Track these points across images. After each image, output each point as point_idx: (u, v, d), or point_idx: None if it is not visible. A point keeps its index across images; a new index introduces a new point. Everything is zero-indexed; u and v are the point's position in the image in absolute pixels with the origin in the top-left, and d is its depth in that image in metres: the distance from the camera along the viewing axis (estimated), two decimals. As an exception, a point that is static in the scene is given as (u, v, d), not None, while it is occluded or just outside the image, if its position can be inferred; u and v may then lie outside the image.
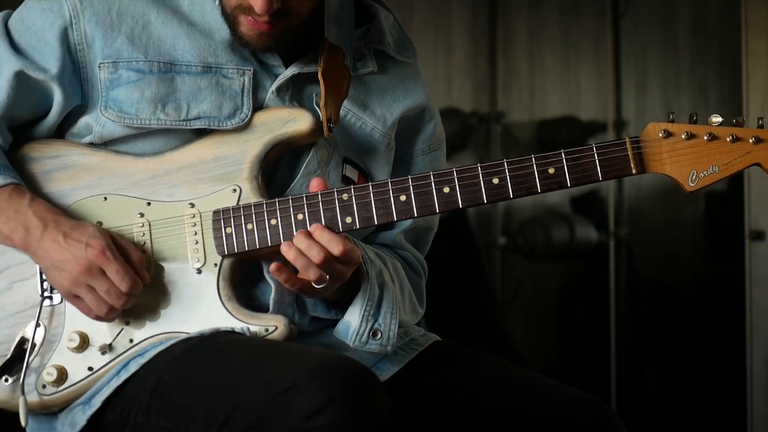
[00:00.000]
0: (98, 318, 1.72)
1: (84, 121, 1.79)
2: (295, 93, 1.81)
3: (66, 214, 1.75)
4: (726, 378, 4.05)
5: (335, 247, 1.67)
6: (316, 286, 1.69)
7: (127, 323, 1.75)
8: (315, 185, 1.72)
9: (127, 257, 1.71)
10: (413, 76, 1.94)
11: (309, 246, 1.67)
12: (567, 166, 1.68)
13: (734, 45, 3.87)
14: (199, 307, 1.73)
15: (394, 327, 1.76)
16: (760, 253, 3.67)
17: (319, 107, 1.78)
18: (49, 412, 1.76)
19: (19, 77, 1.77)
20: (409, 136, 1.94)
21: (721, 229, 4.43)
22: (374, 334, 1.75)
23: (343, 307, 1.79)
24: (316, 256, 1.66)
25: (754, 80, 3.64)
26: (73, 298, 1.71)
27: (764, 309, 3.66)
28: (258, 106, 1.78)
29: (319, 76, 1.78)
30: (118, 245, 1.72)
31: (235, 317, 1.72)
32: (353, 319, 1.75)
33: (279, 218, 1.72)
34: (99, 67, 1.77)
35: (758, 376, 3.66)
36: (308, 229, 1.69)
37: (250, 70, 1.79)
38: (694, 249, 4.64)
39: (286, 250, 1.68)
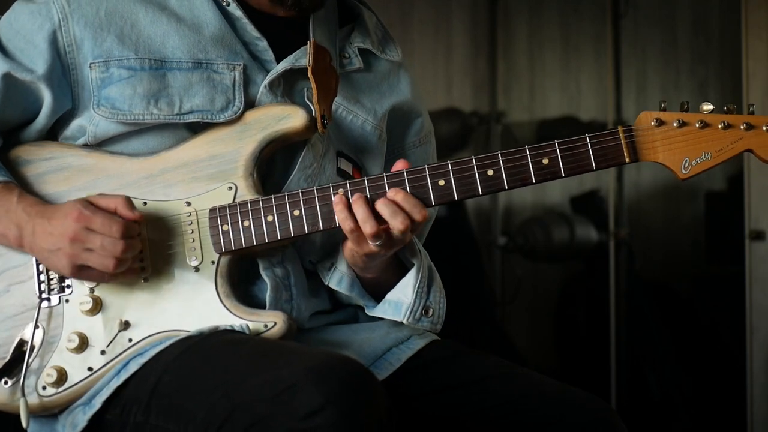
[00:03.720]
0: (112, 277, 1.71)
1: (76, 123, 1.79)
2: (286, 88, 1.82)
3: (49, 203, 1.76)
4: (726, 378, 4.05)
5: (418, 213, 1.68)
6: (372, 244, 1.70)
7: (126, 323, 1.75)
8: (400, 166, 1.72)
9: (109, 210, 1.71)
10: (396, 73, 1.96)
11: (394, 212, 1.68)
12: (561, 156, 1.70)
13: (734, 45, 3.87)
14: (198, 305, 1.74)
15: (443, 305, 1.81)
16: (760, 253, 3.67)
17: (310, 102, 1.80)
18: (49, 413, 1.76)
19: (6, 80, 1.77)
20: (398, 132, 1.96)
21: (721, 229, 4.43)
22: (426, 312, 1.78)
23: (374, 294, 1.82)
24: (401, 223, 1.67)
25: (754, 80, 3.64)
26: (80, 271, 1.71)
27: (764, 309, 3.66)
28: (250, 101, 1.79)
29: (310, 74, 1.78)
30: (94, 202, 1.72)
31: (234, 314, 1.72)
32: (405, 296, 1.78)
33: (275, 214, 1.73)
34: (90, 67, 1.77)
35: (758, 376, 3.66)
36: (388, 195, 1.69)
37: (240, 65, 1.80)
38: (694, 249, 4.64)
39: (341, 210, 1.68)
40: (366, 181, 1.72)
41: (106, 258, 1.69)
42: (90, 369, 1.74)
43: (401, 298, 1.79)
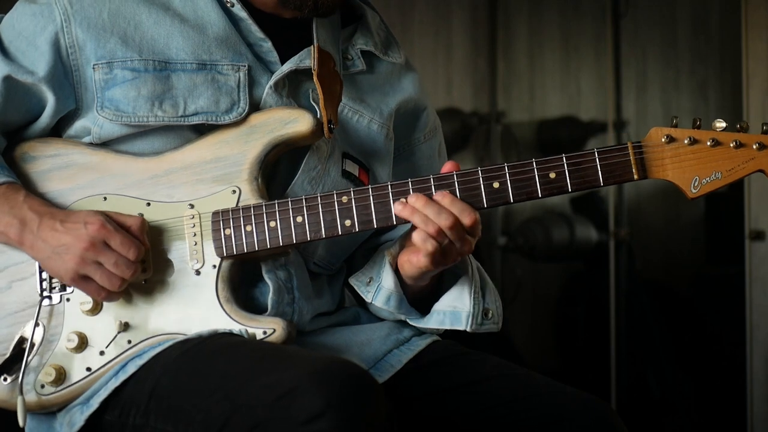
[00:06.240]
0: (109, 296, 1.72)
1: (80, 124, 1.79)
2: (291, 89, 1.81)
3: (59, 206, 1.76)
4: (726, 378, 4.05)
5: (467, 216, 1.67)
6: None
7: (126, 324, 1.74)
8: (448, 168, 1.71)
9: (125, 227, 1.72)
10: (398, 72, 1.95)
11: (438, 212, 1.66)
12: (568, 171, 1.67)
13: (734, 45, 3.87)
14: (198, 308, 1.73)
15: (500, 304, 1.81)
16: (760, 253, 3.67)
17: (315, 103, 1.79)
18: (47, 411, 1.76)
19: (8, 82, 1.77)
20: (405, 129, 1.96)
21: (721, 229, 4.43)
22: (486, 314, 1.78)
23: (420, 306, 1.81)
24: (444, 221, 1.66)
25: (754, 81, 3.64)
26: (81, 280, 1.71)
27: (764, 309, 3.66)
28: (255, 102, 1.79)
29: (315, 80, 1.78)
30: (114, 218, 1.72)
31: (234, 319, 1.72)
32: (463, 304, 1.77)
33: (278, 220, 1.72)
34: (93, 68, 1.76)
35: (758, 375, 3.66)
36: (434, 197, 1.68)
37: (245, 66, 1.79)
38: (694, 249, 4.64)
39: (400, 209, 1.67)
40: (370, 190, 1.72)
41: (113, 277, 1.69)
42: (89, 369, 1.74)
43: (458, 307, 1.78)
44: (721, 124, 1.65)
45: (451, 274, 1.82)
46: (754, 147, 1.64)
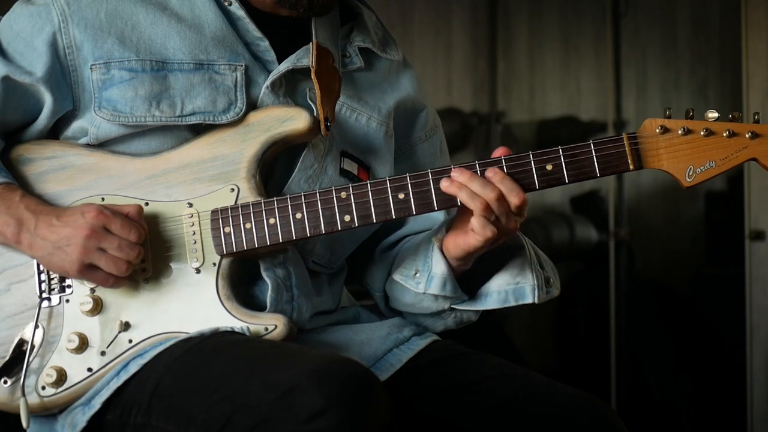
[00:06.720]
0: (117, 282, 1.72)
1: (77, 125, 1.79)
2: (288, 89, 1.82)
3: (53, 204, 1.76)
4: (726, 378, 4.05)
5: (515, 196, 1.68)
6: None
7: (126, 323, 1.75)
8: (500, 153, 1.73)
9: (122, 214, 1.72)
10: (397, 71, 1.96)
11: (483, 184, 1.68)
12: (565, 162, 1.70)
13: (734, 45, 3.87)
14: (198, 306, 1.73)
15: (555, 268, 1.83)
16: (760, 253, 3.67)
17: (313, 102, 1.79)
18: (49, 413, 1.76)
19: (6, 82, 1.77)
20: (404, 128, 1.96)
21: (721, 229, 4.43)
22: (547, 282, 1.80)
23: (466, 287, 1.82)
24: (490, 193, 1.67)
25: (754, 81, 3.64)
26: (87, 270, 1.71)
27: (764, 309, 3.66)
28: (252, 102, 1.79)
29: (313, 76, 1.78)
30: (110, 207, 1.73)
31: (235, 316, 1.72)
32: (526, 279, 1.78)
33: (277, 217, 1.73)
34: (91, 68, 1.77)
35: (758, 375, 3.66)
36: (486, 175, 1.69)
37: (242, 66, 1.79)
38: (694, 249, 4.64)
39: (447, 185, 1.68)
40: (369, 185, 1.72)
41: (119, 261, 1.69)
42: (90, 370, 1.74)
43: (521, 282, 1.79)
44: (713, 114, 1.68)
45: (500, 252, 1.82)
46: (747, 136, 1.67)
